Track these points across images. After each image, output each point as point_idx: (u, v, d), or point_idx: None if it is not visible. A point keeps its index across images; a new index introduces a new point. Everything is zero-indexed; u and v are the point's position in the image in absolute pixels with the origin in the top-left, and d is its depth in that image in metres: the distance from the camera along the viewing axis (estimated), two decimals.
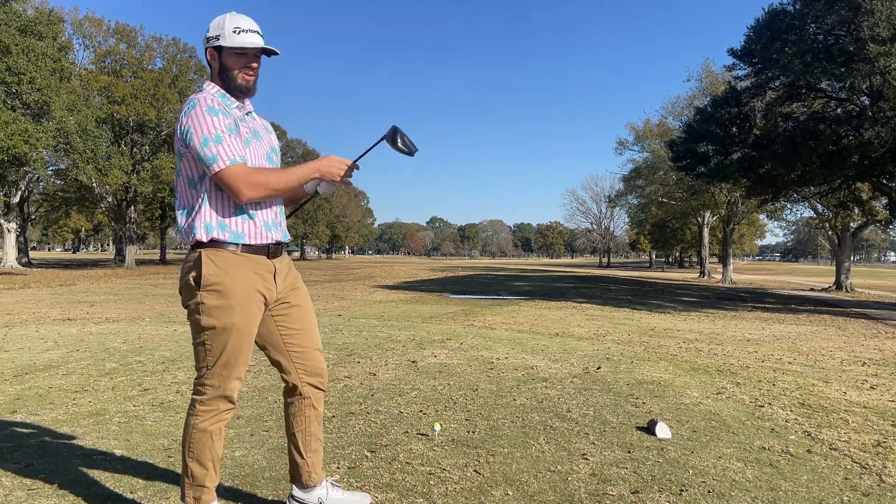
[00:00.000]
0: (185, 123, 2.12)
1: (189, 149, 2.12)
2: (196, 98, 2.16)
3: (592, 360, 6.58)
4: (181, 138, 2.14)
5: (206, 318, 2.18)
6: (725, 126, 20.50)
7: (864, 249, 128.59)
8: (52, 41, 25.81)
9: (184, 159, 2.17)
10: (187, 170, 2.18)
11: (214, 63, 2.27)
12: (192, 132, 2.10)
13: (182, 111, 2.15)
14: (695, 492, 2.92)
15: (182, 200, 2.22)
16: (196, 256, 2.18)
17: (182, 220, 2.21)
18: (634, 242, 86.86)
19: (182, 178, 2.20)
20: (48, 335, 7.63)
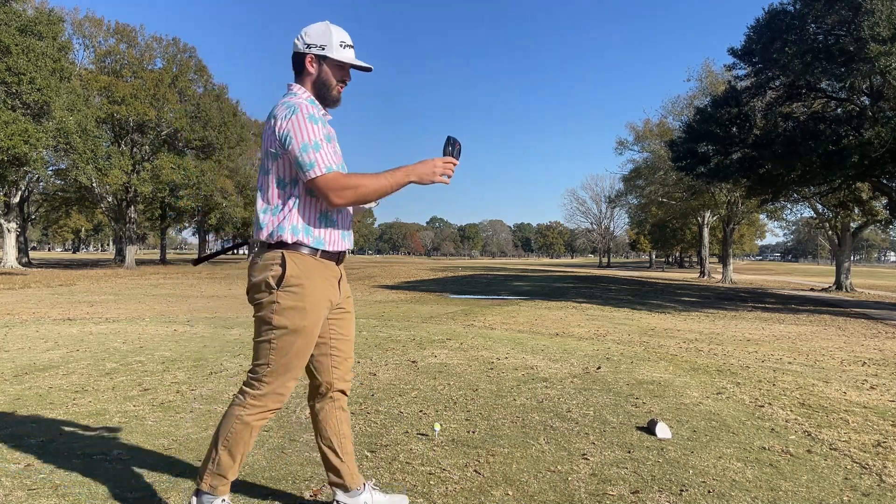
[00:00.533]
0: (284, 127, 2.16)
1: (287, 152, 2.17)
2: (296, 104, 2.19)
3: (592, 360, 6.58)
4: (279, 140, 2.18)
5: (279, 317, 2.22)
6: (725, 126, 20.49)
7: (864, 249, 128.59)
8: (52, 41, 25.81)
9: (278, 160, 2.21)
10: (279, 171, 2.23)
11: (313, 70, 2.32)
12: (292, 137, 2.15)
13: (280, 114, 2.19)
14: (695, 492, 2.92)
15: (268, 199, 2.25)
16: (279, 256, 2.21)
17: (265, 218, 2.24)
18: (634, 242, 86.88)
19: (271, 178, 2.24)
20: (48, 335, 7.63)
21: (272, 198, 2.24)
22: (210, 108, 39.59)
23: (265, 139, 2.24)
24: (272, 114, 2.23)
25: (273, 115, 2.22)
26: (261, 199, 2.26)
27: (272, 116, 2.22)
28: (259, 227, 2.26)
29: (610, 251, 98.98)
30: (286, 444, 3.45)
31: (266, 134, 2.24)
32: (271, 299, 2.21)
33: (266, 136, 2.24)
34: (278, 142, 2.18)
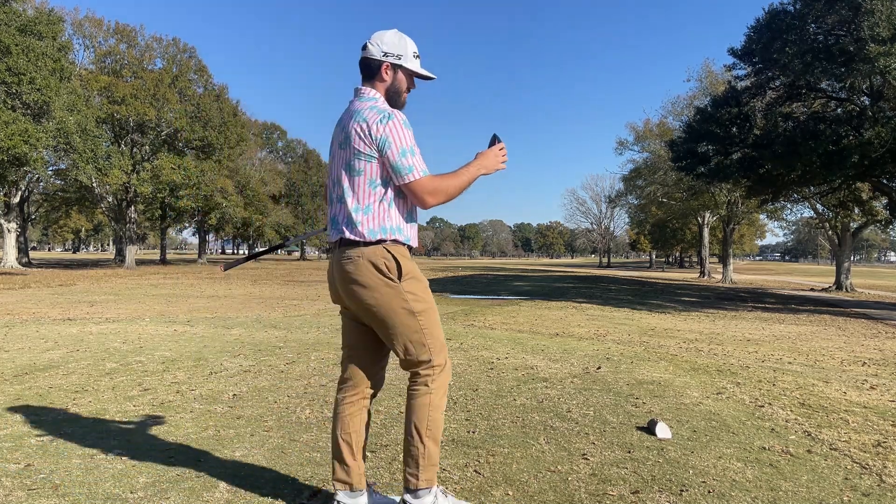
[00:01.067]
0: (382, 132, 2.25)
1: (383, 156, 2.27)
2: (390, 111, 2.31)
3: (592, 360, 6.58)
4: (376, 144, 2.26)
5: (417, 302, 2.34)
6: (725, 126, 20.49)
7: (864, 249, 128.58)
8: (52, 41, 25.80)
9: (372, 162, 2.29)
10: (372, 172, 2.31)
11: (387, 77, 2.43)
12: (390, 142, 2.26)
13: (373, 119, 2.27)
14: (695, 492, 2.92)
15: (359, 199, 2.32)
16: (384, 252, 2.31)
17: (359, 217, 2.31)
18: (634, 242, 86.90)
19: (363, 179, 2.31)
20: (48, 335, 7.63)
21: (363, 197, 2.32)
22: (210, 108, 39.57)
23: (351, 140, 2.30)
24: (360, 117, 2.29)
25: (362, 119, 2.28)
26: (351, 199, 2.32)
27: (362, 120, 2.28)
28: (351, 226, 2.32)
29: (610, 251, 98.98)
30: (286, 444, 3.45)
31: (352, 135, 2.30)
32: (398, 292, 2.31)
33: (353, 137, 2.30)
34: (375, 145, 2.26)
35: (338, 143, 2.38)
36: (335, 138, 2.42)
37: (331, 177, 2.45)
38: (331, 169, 2.45)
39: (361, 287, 2.31)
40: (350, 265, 2.32)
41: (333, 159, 2.42)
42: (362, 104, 2.34)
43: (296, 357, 6.21)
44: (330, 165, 2.47)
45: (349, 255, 2.32)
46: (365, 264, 2.30)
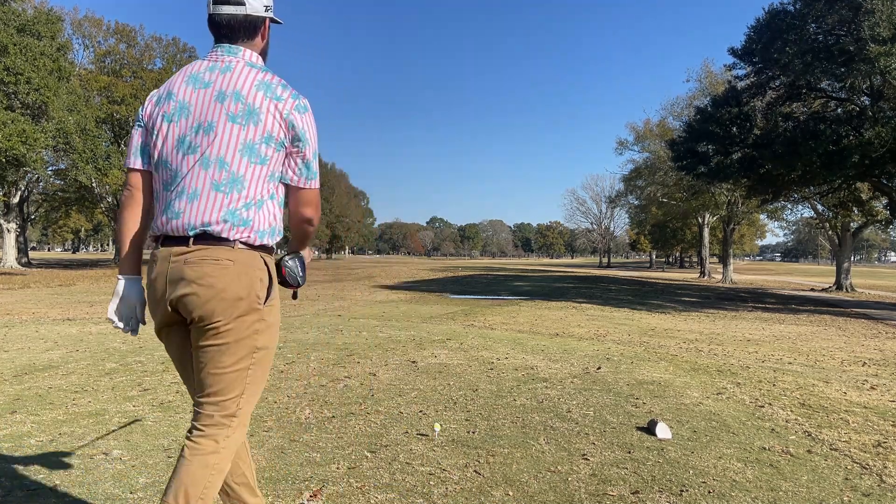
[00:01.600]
0: (303, 123, 1.90)
1: (298, 151, 1.91)
2: (302, 95, 1.93)
3: (592, 360, 6.58)
4: (293, 134, 1.88)
5: (264, 337, 1.91)
6: (726, 126, 20.50)
7: (864, 249, 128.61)
8: (51, 41, 25.81)
9: (281, 152, 1.89)
10: (275, 164, 1.90)
11: (266, 36, 2.02)
12: (309, 138, 1.92)
13: (291, 102, 1.88)
14: (695, 492, 2.92)
15: (254, 191, 1.87)
16: (261, 262, 1.89)
17: (248, 214, 1.87)
18: (634, 242, 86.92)
19: (265, 169, 1.88)
20: (48, 335, 7.62)
21: (258, 191, 1.88)
22: None
23: (261, 118, 1.84)
24: (273, 93, 1.87)
25: (277, 97, 1.87)
26: (246, 189, 1.85)
27: (276, 98, 1.87)
28: (232, 221, 1.84)
29: (610, 251, 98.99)
30: (286, 444, 3.45)
31: (264, 113, 1.85)
32: (258, 317, 1.87)
33: (264, 116, 1.85)
34: (291, 134, 1.89)
35: (225, 113, 1.83)
36: (209, 101, 1.85)
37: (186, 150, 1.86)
38: (187, 139, 1.86)
39: (220, 301, 1.80)
40: (212, 270, 1.81)
41: (203, 129, 1.84)
42: (264, 75, 1.90)
43: (295, 357, 6.21)
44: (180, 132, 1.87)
45: (217, 258, 1.82)
46: (237, 274, 1.82)
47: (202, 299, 1.80)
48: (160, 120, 1.90)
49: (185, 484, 1.82)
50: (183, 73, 1.95)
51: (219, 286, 1.80)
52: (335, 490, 2.81)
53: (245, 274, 1.84)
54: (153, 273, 1.89)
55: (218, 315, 1.80)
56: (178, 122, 1.87)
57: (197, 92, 1.88)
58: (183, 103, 1.88)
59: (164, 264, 1.86)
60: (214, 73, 1.90)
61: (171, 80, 1.96)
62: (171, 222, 1.86)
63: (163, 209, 1.90)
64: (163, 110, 1.91)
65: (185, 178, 1.86)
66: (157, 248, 1.90)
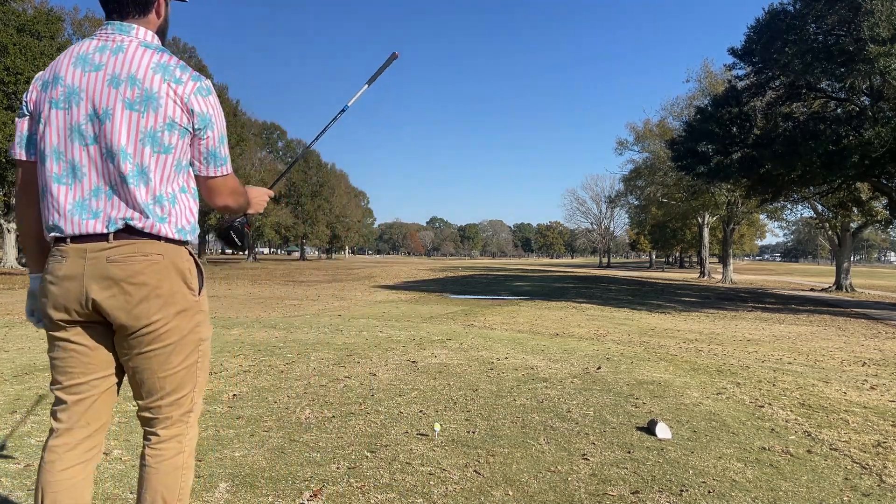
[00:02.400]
0: (206, 107, 1.76)
1: (201, 137, 1.77)
2: (202, 76, 1.79)
3: (592, 360, 6.58)
4: (196, 119, 1.75)
5: (204, 328, 1.86)
6: (726, 125, 20.51)
7: (864, 249, 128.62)
8: (51, 41, 25.82)
9: (185, 139, 1.76)
10: (181, 151, 1.76)
11: (163, 12, 1.85)
12: (214, 122, 1.79)
13: (190, 84, 1.74)
14: (695, 492, 2.92)
15: (162, 183, 1.74)
16: (187, 255, 1.81)
17: (161, 208, 1.74)
18: (634, 242, 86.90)
19: (171, 158, 1.74)
20: None
21: (168, 182, 1.76)
22: None
23: (160, 102, 1.70)
24: (171, 75, 1.72)
25: (176, 80, 1.72)
26: (153, 181, 1.72)
27: (175, 81, 1.72)
28: (149, 216, 1.72)
29: (610, 251, 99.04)
30: (286, 444, 3.45)
31: (163, 97, 1.70)
32: (197, 308, 1.81)
33: (163, 100, 1.70)
34: (194, 120, 1.75)
35: (121, 99, 1.68)
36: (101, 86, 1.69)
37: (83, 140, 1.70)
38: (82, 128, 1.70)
39: (155, 299, 1.71)
40: (143, 267, 1.70)
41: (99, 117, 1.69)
42: (160, 56, 1.74)
43: (295, 357, 6.21)
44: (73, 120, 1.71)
45: (146, 253, 1.70)
46: (168, 266, 1.73)
47: (135, 298, 1.69)
48: (47, 107, 1.73)
49: (160, 492, 1.78)
50: (69, 55, 1.76)
51: (152, 283, 1.70)
52: (335, 490, 2.81)
53: (176, 266, 1.75)
54: (60, 271, 1.70)
55: (155, 314, 1.71)
56: (68, 109, 1.70)
57: (87, 75, 1.70)
58: (72, 88, 1.70)
59: (78, 262, 1.69)
60: (105, 54, 1.71)
61: (57, 61, 1.77)
62: (84, 220, 1.70)
63: (64, 205, 1.71)
64: (50, 96, 1.73)
65: (88, 171, 1.70)
66: (62, 245, 1.72)
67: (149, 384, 1.79)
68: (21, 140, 1.80)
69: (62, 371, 1.78)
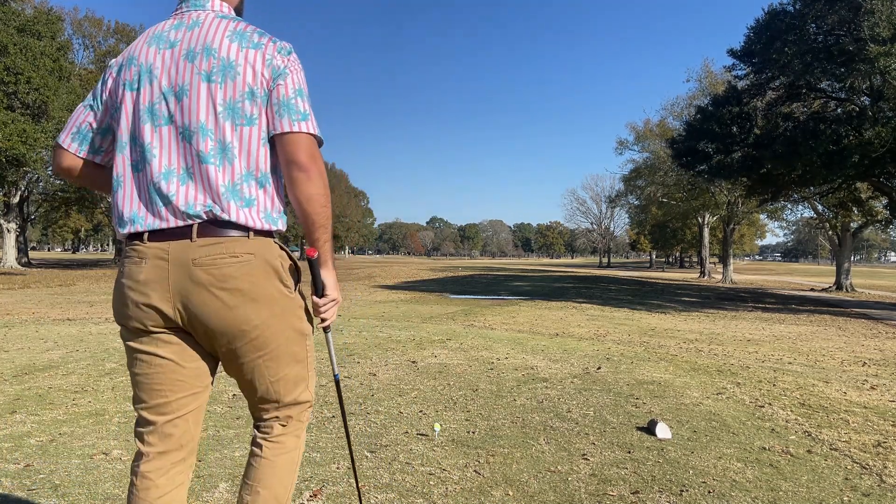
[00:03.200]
0: (283, 61, 1.59)
1: (273, 88, 1.57)
2: (288, 44, 1.65)
3: (592, 360, 6.58)
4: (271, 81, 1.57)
5: (307, 323, 1.73)
6: (726, 125, 20.52)
7: (864, 249, 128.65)
8: (51, 40, 25.83)
9: (266, 109, 1.58)
10: (264, 123, 1.58)
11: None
12: (290, 73, 1.59)
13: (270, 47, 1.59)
14: (695, 492, 2.92)
15: (248, 162, 1.57)
16: (277, 248, 1.62)
17: (249, 190, 1.56)
18: (634, 242, 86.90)
19: (255, 131, 1.57)
20: (48, 335, 7.62)
21: (255, 161, 1.57)
22: None
23: (238, 70, 1.55)
24: (248, 41, 1.58)
25: (254, 45, 1.58)
26: (238, 160, 1.55)
27: (253, 46, 1.57)
28: (234, 203, 1.54)
29: (610, 251, 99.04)
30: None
31: (240, 63, 1.55)
32: (294, 306, 1.65)
33: (241, 67, 1.55)
34: (269, 82, 1.57)
35: (196, 72, 1.55)
36: (177, 61, 1.57)
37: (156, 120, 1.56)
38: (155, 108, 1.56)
39: (249, 301, 1.54)
40: (234, 270, 1.52)
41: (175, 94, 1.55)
42: (236, 24, 1.61)
43: None
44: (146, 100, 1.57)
45: (235, 253, 1.53)
46: (260, 266, 1.56)
47: (229, 305, 1.52)
48: (122, 91, 1.60)
49: (274, 487, 1.65)
50: (145, 36, 1.66)
51: (245, 287, 1.53)
52: (335, 490, 2.81)
53: (270, 264, 1.58)
54: (140, 276, 1.54)
55: (253, 319, 1.55)
56: (141, 89, 1.58)
57: (162, 53, 1.59)
58: (146, 67, 1.59)
59: (160, 265, 1.52)
60: (181, 31, 1.61)
61: (133, 44, 1.67)
62: (160, 209, 1.53)
63: (139, 196, 1.57)
64: (124, 79, 1.60)
65: (163, 155, 1.55)
66: (139, 244, 1.56)
67: (261, 391, 1.66)
68: (76, 132, 1.67)
69: (146, 388, 1.61)
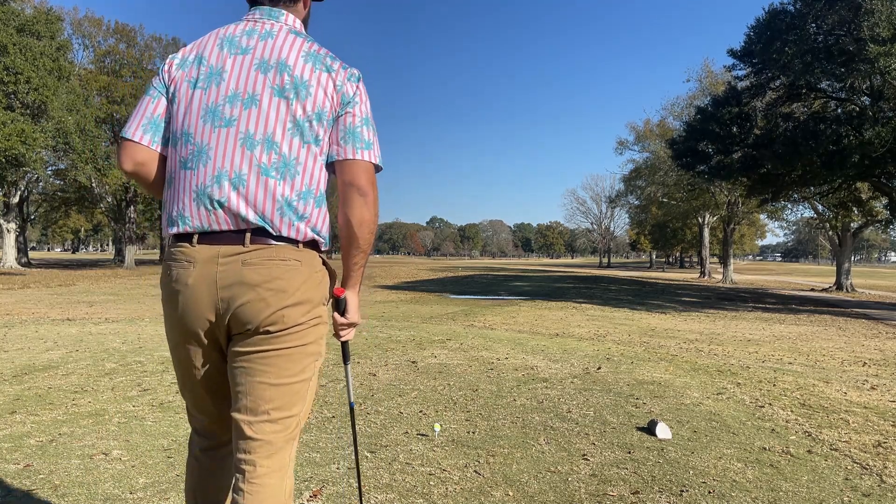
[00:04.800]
0: (353, 89, 1.64)
1: (342, 114, 1.62)
2: (358, 72, 1.70)
3: (593, 360, 6.58)
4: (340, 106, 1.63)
5: (324, 344, 1.70)
6: (726, 125, 20.51)
7: (864, 249, 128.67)
8: (51, 40, 25.82)
9: (331, 132, 1.63)
10: (328, 144, 1.64)
11: (307, 6, 1.81)
12: (359, 102, 1.65)
13: (341, 73, 1.64)
14: (695, 492, 2.91)
15: (308, 178, 1.61)
16: (320, 261, 1.68)
17: (304, 205, 1.61)
18: (635, 242, 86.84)
19: (319, 151, 1.62)
20: (48, 335, 7.62)
21: (313, 178, 1.62)
22: None
23: (310, 90, 1.59)
24: (321, 63, 1.63)
25: (327, 68, 1.62)
26: (300, 176, 1.59)
27: (325, 69, 1.62)
28: (290, 215, 1.58)
29: (610, 251, 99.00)
30: None
31: (313, 84, 1.60)
32: (322, 320, 1.66)
33: (313, 88, 1.60)
34: (338, 108, 1.62)
35: (269, 86, 1.58)
36: (248, 69, 1.60)
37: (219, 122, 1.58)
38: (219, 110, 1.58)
39: (290, 300, 1.56)
40: (282, 271, 1.55)
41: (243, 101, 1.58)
42: (310, 45, 1.66)
43: None
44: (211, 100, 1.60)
45: (284, 257, 1.57)
46: (306, 274, 1.60)
47: (271, 306, 1.53)
48: (184, 86, 1.62)
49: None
50: (215, 36, 1.68)
51: (290, 290, 1.55)
52: (335, 490, 2.81)
53: (315, 273, 1.63)
54: (189, 279, 1.54)
55: (289, 321, 1.56)
56: (207, 88, 1.60)
57: (233, 58, 1.62)
58: (215, 69, 1.61)
59: (210, 267, 1.53)
60: (253, 38, 1.64)
61: (200, 42, 1.69)
62: (213, 212, 1.55)
63: (187, 195, 1.57)
64: (189, 75, 1.63)
65: (219, 157, 1.56)
66: (187, 246, 1.56)
67: (257, 393, 1.57)
68: (148, 122, 1.65)
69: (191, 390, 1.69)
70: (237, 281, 1.53)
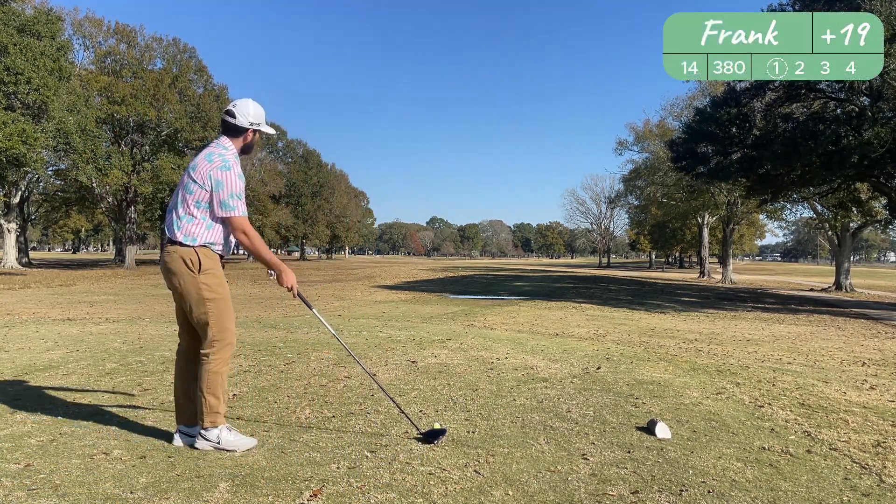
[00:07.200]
0: (218, 176, 3.17)
1: (213, 193, 3.17)
2: (231, 161, 3.22)
3: (592, 360, 6.58)
4: (209, 182, 3.16)
5: (210, 292, 3.22)
6: (725, 126, 20.49)
7: (863, 249, 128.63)
8: (51, 41, 25.81)
9: (202, 191, 3.17)
10: (199, 195, 3.19)
11: (250, 138, 3.43)
12: (224, 186, 3.17)
13: (217, 164, 3.19)
14: (695, 492, 2.92)
15: (185, 209, 3.21)
16: (193, 252, 3.19)
17: (185, 224, 3.20)
18: (634, 242, 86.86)
19: (193, 197, 3.19)
20: (48, 335, 7.62)
21: (190, 210, 3.20)
22: (210, 109, 39.57)
23: (197, 170, 3.18)
24: (207, 155, 3.22)
25: (208, 159, 3.20)
26: (181, 209, 3.20)
27: (208, 159, 3.20)
28: (175, 228, 3.20)
29: (610, 251, 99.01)
30: (286, 444, 3.45)
31: (199, 167, 3.18)
32: (197, 282, 3.18)
33: (198, 169, 3.18)
34: (210, 182, 3.17)
35: (190, 167, 3.22)
36: (191, 163, 3.25)
37: (176, 191, 3.30)
38: (178, 185, 3.29)
39: (173, 273, 3.20)
40: (168, 258, 3.21)
41: (182, 178, 3.25)
42: (216, 149, 3.27)
43: (296, 357, 6.21)
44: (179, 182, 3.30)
45: (170, 251, 3.20)
46: (174, 257, 3.18)
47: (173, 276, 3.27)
48: None
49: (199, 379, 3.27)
50: None
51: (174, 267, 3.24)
52: (335, 490, 2.82)
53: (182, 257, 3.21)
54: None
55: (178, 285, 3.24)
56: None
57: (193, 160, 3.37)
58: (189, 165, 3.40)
59: None
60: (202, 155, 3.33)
61: None
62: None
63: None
64: None
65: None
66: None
67: (189, 319, 3.32)
68: None
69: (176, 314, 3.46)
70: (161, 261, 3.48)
